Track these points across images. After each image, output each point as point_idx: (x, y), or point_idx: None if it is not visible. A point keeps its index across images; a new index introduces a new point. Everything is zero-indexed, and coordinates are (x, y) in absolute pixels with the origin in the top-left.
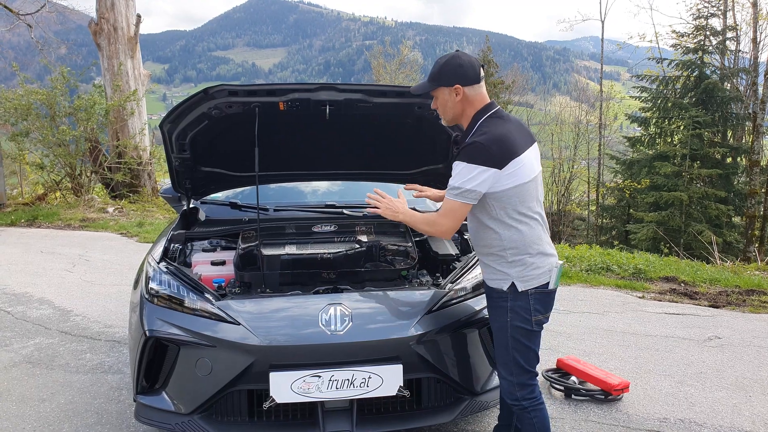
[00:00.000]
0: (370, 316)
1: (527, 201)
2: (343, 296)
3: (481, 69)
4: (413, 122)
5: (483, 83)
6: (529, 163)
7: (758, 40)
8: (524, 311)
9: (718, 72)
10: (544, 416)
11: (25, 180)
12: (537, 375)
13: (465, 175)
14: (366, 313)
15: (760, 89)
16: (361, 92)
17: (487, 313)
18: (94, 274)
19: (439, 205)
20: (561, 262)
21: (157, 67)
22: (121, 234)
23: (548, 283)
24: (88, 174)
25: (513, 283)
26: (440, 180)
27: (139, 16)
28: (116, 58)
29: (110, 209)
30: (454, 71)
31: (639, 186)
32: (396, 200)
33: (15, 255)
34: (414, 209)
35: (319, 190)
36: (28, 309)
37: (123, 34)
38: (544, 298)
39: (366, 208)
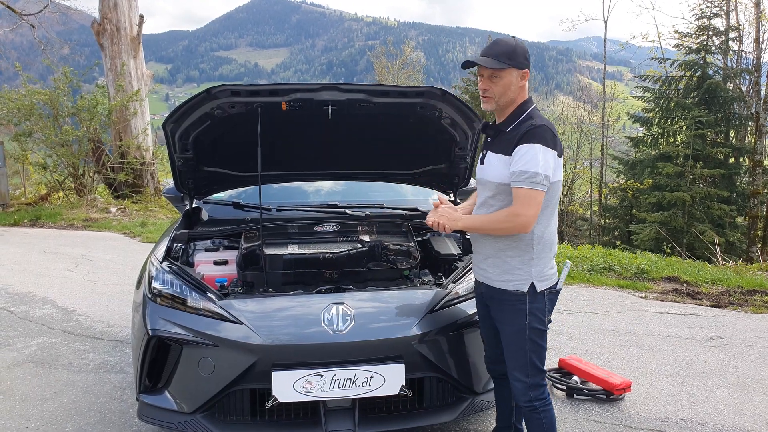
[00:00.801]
0: (373, 316)
1: (557, 199)
2: (346, 296)
3: None
4: (415, 122)
5: None
6: (561, 163)
7: (761, 40)
8: (540, 312)
9: (721, 72)
10: (552, 416)
11: (28, 180)
12: (545, 374)
13: (543, 158)
14: (368, 313)
15: (763, 89)
16: (363, 92)
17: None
18: (96, 273)
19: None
20: (569, 262)
21: (159, 67)
22: (123, 234)
23: (557, 282)
24: (91, 174)
25: (533, 283)
26: (442, 180)
27: (141, 17)
28: (119, 58)
29: (113, 209)
30: (525, 55)
31: (642, 186)
32: (446, 207)
33: (18, 255)
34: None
35: (321, 190)
36: (31, 309)
37: (126, 34)
38: (554, 298)
39: (368, 208)
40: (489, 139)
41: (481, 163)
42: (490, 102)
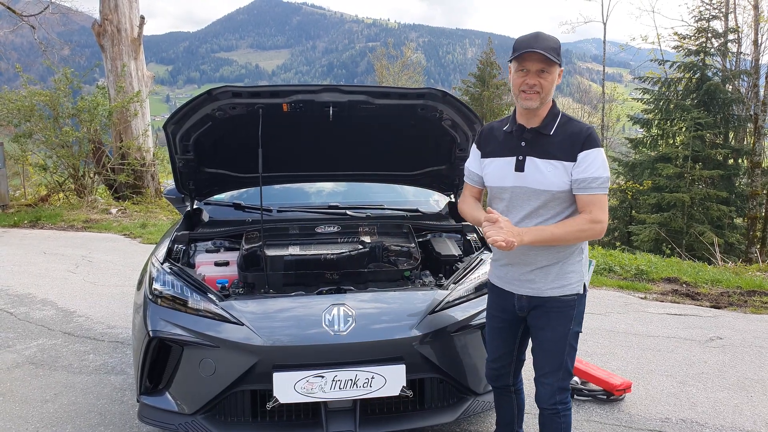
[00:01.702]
0: (374, 317)
1: None
2: (347, 297)
3: None
4: (416, 123)
5: None
6: None
7: (759, 42)
8: (581, 315)
9: (720, 74)
10: (570, 421)
11: (28, 181)
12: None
13: (605, 161)
14: (369, 314)
15: (762, 91)
16: (364, 94)
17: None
18: (97, 275)
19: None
20: (594, 261)
21: (160, 68)
22: (124, 235)
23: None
24: (91, 175)
25: (584, 283)
26: (443, 181)
27: (142, 18)
28: (119, 59)
29: (113, 210)
30: (560, 54)
31: (641, 187)
32: (505, 222)
33: (18, 256)
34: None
35: (322, 191)
36: (31, 310)
37: (126, 36)
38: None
39: (369, 209)
40: (524, 144)
41: (519, 170)
42: (535, 98)
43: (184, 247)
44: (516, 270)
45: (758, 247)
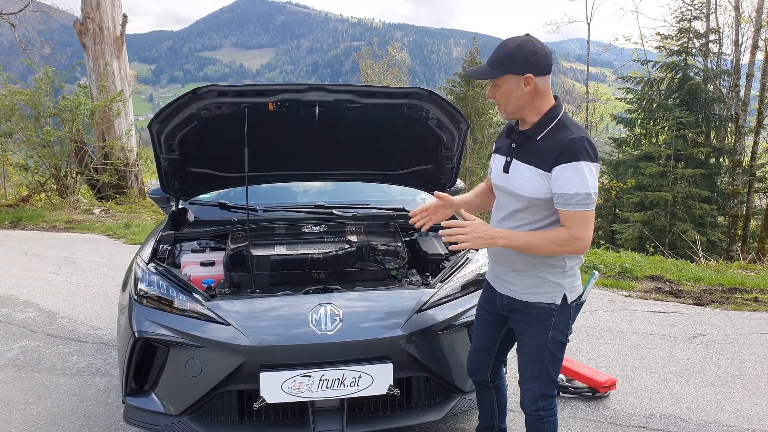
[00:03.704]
0: (361, 316)
1: None
2: (334, 296)
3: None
4: (403, 123)
5: (550, 76)
6: None
7: (740, 42)
8: (564, 325)
9: (702, 74)
10: (554, 426)
11: (9, 181)
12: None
13: (590, 176)
14: (356, 313)
15: (742, 91)
16: (350, 93)
17: (475, 313)
18: (80, 276)
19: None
20: (597, 273)
21: (143, 67)
22: (107, 236)
23: (583, 294)
24: (74, 175)
25: (564, 295)
26: (429, 180)
27: (125, 16)
28: (102, 58)
29: (96, 211)
30: (527, 58)
31: (625, 186)
32: (477, 224)
33: None
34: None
35: (308, 191)
36: (13, 312)
37: (109, 34)
38: (578, 309)
39: (356, 208)
40: (514, 145)
41: (505, 171)
42: (501, 111)
43: (169, 247)
44: (497, 268)
45: (739, 245)
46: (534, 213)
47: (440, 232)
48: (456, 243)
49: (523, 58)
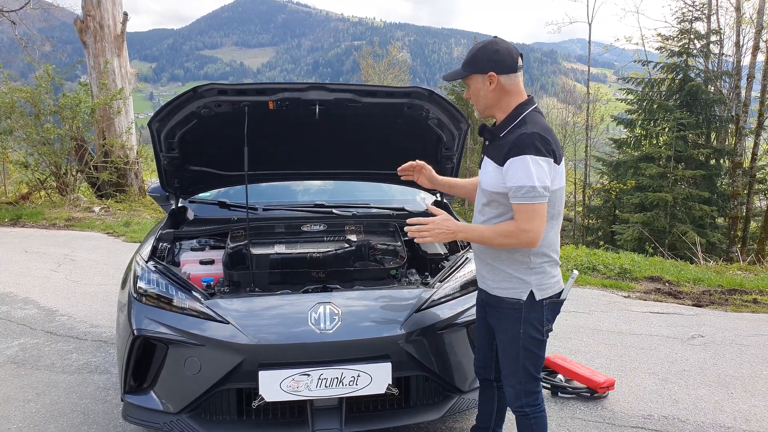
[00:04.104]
0: (360, 315)
1: (560, 206)
2: (333, 295)
3: (520, 58)
4: (403, 122)
5: (521, 74)
6: (563, 168)
7: (741, 43)
8: (537, 322)
9: (702, 75)
10: (544, 423)
11: (9, 179)
12: (541, 381)
13: (536, 170)
14: (355, 312)
15: (743, 92)
16: (350, 92)
17: (474, 313)
18: (79, 273)
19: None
20: (576, 272)
21: (144, 65)
22: (107, 234)
23: (561, 292)
24: (74, 173)
25: (531, 291)
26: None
27: (125, 14)
28: (102, 56)
29: (96, 209)
30: (489, 57)
31: (625, 187)
32: (439, 220)
33: None
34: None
35: (308, 190)
36: (13, 309)
37: (109, 32)
38: (555, 308)
39: (355, 207)
40: (487, 143)
41: (480, 167)
42: (476, 109)
43: (169, 246)
44: (476, 263)
45: (739, 246)
46: (496, 207)
47: (406, 228)
48: (418, 238)
49: (486, 57)
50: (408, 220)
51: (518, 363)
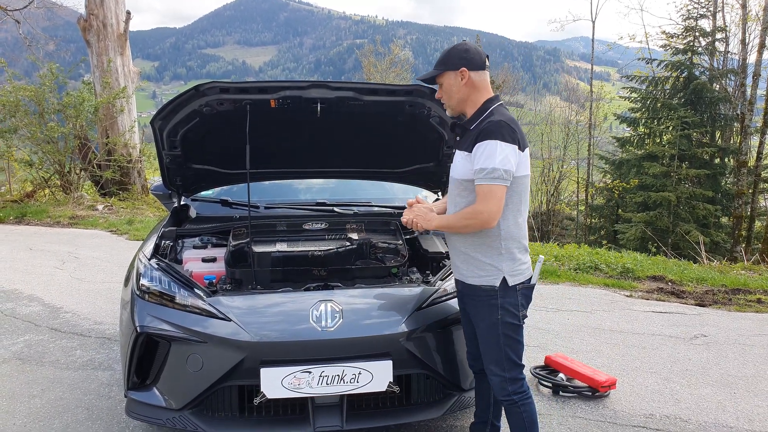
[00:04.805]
0: (361, 313)
1: (525, 194)
2: (334, 293)
3: (487, 59)
4: (404, 120)
5: (488, 72)
6: (528, 157)
7: (747, 41)
8: (513, 307)
9: (707, 73)
10: (532, 410)
11: (13, 177)
12: (524, 368)
13: (500, 153)
14: (356, 310)
15: (748, 90)
16: (352, 90)
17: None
18: (83, 271)
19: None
20: (542, 257)
21: (146, 64)
22: (110, 232)
23: (531, 278)
24: (78, 171)
25: (504, 278)
26: (430, 178)
27: (128, 13)
28: (105, 54)
29: (100, 207)
30: (460, 55)
31: (628, 186)
32: (421, 207)
33: (3, 252)
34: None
35: (310, 188)
36: (18, 306)
37: (112, 31)
38: (528, 293)
39: (357, 206)
40: (458, 138)
41: (453, 161)
42: (447, 109)
43: (171, 243)
44: (451, 256)
45: (743, 246)
46: (467, 196)
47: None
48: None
49: (457, 55)
50: (408, 201)
51: (500, 350)
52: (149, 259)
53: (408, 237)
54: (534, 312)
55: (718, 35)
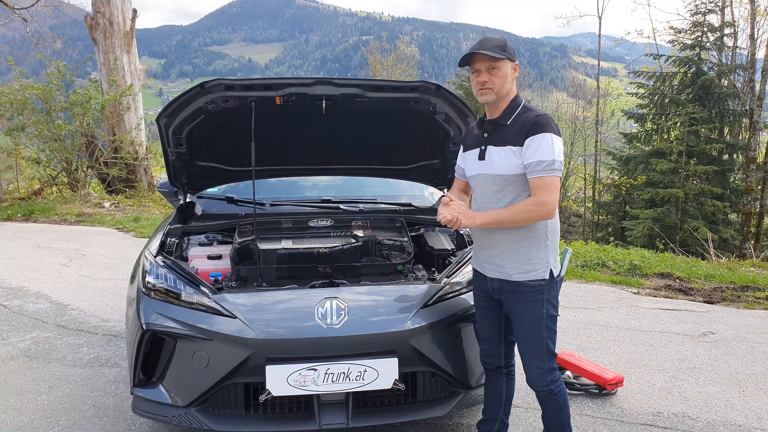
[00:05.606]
0: (366, 310)
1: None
2: (340, 290)
3: None
4: (410, 117)
5: None
6: None
7: (755, 36)
8: (554, 299)
9: (716, 68)
10: (566, 395)
11: (21, 175)
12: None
13: (554, 146)
14: (362, 307)
15: (757, 86)
16: (357, 87)
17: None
18: (90, 268)
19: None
20: (570, 249)
21: (153, 62)
22: (117, 229)
23: (561, 269)
24: (84, 169)
25: (551, 270)
26: (436, 175)
27: (135, 11)
28: (112, 52)
29: (106, 204)
30: (512, 50)
31: (635, 182)
32: (458, 204)
33: (11, 249)
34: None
35: (315, 185)
36: (25, 303)
37: (119, 29)
38: (561, 284)
39: (362, 203)
40: (486, 135)
41: (480, 158)
42: (489, 93)
43: (177, 241)
44: (485, 253)
45: (752, 242)
46: (512, 191)
47: (439, 217)
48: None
49: (512, 49)
50: (443, 200)
51: (542, 343)
52: (155, 257)
53: (413, 234)
54: None
55: (727, 30)
